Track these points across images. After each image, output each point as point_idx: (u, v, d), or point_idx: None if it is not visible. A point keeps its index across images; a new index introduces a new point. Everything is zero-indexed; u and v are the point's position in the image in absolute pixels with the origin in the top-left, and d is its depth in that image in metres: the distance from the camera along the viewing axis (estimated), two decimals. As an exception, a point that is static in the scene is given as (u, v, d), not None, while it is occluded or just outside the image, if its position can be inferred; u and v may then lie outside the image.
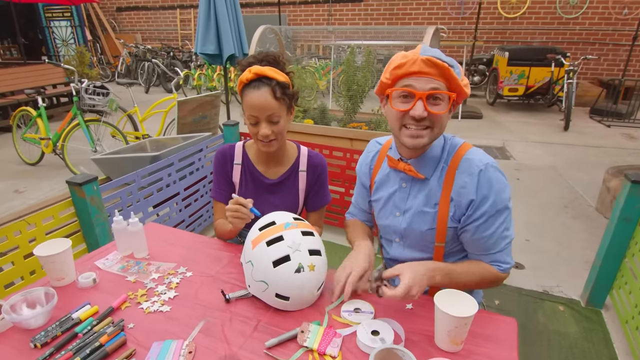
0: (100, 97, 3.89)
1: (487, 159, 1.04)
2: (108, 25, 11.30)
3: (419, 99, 0.95)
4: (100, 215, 1.85)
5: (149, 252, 1.28)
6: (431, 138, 1.01)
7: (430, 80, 0.94)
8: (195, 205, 2.75)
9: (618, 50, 8.01)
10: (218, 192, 1.39)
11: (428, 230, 1.10)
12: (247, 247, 1.04)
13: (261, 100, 1.17)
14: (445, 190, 1.06)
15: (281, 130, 1.24)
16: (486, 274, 1.08)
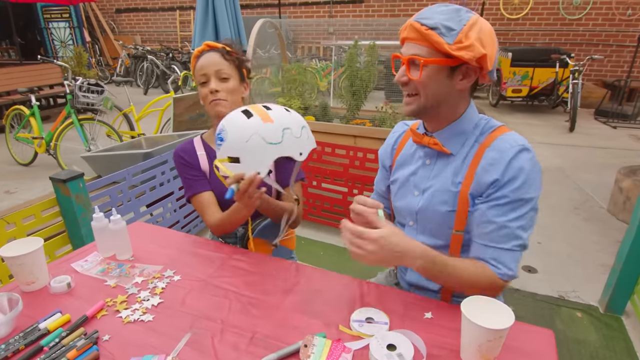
0: (95, 95, 3.77)
1: (524, 141, 0.92)
2: (107, 27, 11.22)
3: (403, 65, 0.94)
4: (87, 215, 1.72)
5: (133, 254, 1.15)
6: (419, 105, 0.95)
7: (413, 45, 0.91)
8: (190, 206, 2.62)
9: (622, 52, 7.90)
10: (196, 184, 1.29)
11: (447, 213, 0.98)
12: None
13: (209, 59, 1.21)
14: (471, 167, 0.95)
15: (231, 91, 1.23)
16: (482, 276, 0.91)
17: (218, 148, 0.99)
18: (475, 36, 0.87)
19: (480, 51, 0.86)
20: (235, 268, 1.08)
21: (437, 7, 0.90)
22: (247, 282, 1.02)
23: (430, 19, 0.87)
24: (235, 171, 0.97)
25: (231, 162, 0.97)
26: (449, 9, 0.89)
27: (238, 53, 1.28)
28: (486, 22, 0.91)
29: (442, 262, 0.89)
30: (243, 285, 1.01)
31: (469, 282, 0.92)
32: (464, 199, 0.95)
